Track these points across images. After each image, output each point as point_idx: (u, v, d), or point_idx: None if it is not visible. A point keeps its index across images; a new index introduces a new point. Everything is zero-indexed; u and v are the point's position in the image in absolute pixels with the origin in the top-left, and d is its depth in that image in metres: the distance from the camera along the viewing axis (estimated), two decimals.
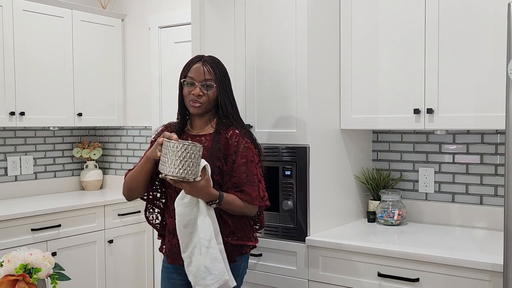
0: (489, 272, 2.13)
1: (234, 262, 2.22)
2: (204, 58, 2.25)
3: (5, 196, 3.90)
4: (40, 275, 1.75)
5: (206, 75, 2.20)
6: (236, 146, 2.18)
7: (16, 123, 3.63)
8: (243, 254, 2.27)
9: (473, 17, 2.42)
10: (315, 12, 2.61)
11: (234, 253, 2.22)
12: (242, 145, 2.18)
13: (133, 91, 4.35)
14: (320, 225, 2.68)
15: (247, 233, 2.27)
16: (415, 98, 2.58)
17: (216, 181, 2.18)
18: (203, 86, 2.20)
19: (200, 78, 2.20)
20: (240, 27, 2.78)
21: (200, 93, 2.19)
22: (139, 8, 4.29)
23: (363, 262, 2.43)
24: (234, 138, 2.19)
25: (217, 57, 2.33)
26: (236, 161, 2.17)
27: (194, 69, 2.22)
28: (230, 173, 2.18)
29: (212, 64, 2.23)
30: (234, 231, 2.23)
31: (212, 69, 2.22)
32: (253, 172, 2.19)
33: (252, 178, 2.18)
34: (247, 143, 2.20)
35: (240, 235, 2.24)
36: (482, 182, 2.79)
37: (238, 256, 2.25)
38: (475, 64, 2.42)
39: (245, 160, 2.18)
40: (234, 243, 2.22)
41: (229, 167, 2.18)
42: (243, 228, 2.26)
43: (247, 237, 2.27)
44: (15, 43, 3.61)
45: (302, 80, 2.58)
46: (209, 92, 2.20)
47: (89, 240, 3.69)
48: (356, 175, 2.98)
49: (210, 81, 2.20)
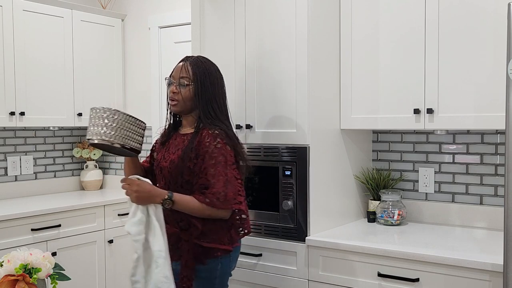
0: (489, 272, 2.13)
1: (204, 264, 2.20)
2: (189, 58, 2.29)
3: (5, 196, 3.90)
4: (40, 275, 1.76)
5: (182, 73, 2.24)
6: (207, 147, 2.16)
7: (16, 123, 3.63)
8: (215, 257, 2.21)
9: (473, 17, 2.42)
10: (315, 12, 2.61)
11: (204, 255, 2.20)
12: (212, 146, 2.16)
13: (133, 91, 4.35)
14: (320, 225, 2.68)
15: (221, 237, 2.22)
16: (415, 98, 2.58)
17: (187, 181, 2.19)
18: (179, 84, 2.24)
19: (177, 76, 2.25)
20: (240, 27, 2.78)
21: (175, 91, 2.24)
22: (139, 8, 4.29)
23: (363, 262, 2.43)
24: (206, 139, 2.18)
25: (219, 58, 2.34)
26: (205, 161, 2.16)
27: (175, 68, 2.29)
28: (198, 173, 2.17)
29: (193, 64, 2.25)
30: (206, 233, 2.20)
31: (191, 68, 2.24)
32: (220, 173, 2.14)
33: (217, 179, 2.13)
34: (219, 143, 2.17)
35: (213, 238, 2.20)
36: (482, 182, 2.79)
37: (208, 259, 2.21)
38: (475, 64, 2.42)
39: (214, 161, 2.14)
40: (206, 246, 2.19)
41: (198, 167, 2.17)
42: (216, 231, 2.21)
43: (220, 240, 2.22)
44: (15, 43, 3.61)
45: (302, 80, 2.58)
46: (183, 90, 2.23)
47: (89, 240, 3.69)
48: (356, 175, 2.98)
49: (184, 79, 2.23)
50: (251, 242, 2.75)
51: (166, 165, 2.24)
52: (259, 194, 2.75)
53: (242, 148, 2.30)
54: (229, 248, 2.24)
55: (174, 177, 2.22)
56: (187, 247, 2.18)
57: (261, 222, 2.74)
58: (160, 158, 2.31)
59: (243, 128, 2.78)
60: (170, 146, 2.30)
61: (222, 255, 2.23)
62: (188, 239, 2.19)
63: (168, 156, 2.27)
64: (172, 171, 2.21)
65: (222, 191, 2.13)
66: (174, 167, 2.21)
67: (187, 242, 2.19)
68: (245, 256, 2.76)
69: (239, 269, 2.78)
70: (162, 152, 2.32)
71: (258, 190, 2.76)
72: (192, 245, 2.18)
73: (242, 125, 2.78)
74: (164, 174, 2.26)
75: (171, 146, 2.30)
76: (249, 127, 2.75)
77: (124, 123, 2.09)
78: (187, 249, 2.18)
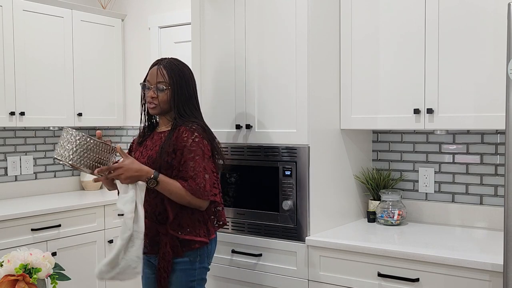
0: (489, 272, 2.13)
1: (180, 257, 2.26)
2: (162, 61, 2.35)
3: (5, 196, 3.90)
4: (40, 275, 1.76)
5: (159, 78, 2.32)
6: (185, 141, 2.24)
7: (16, 123, 3.62)
8: (192, 249, 2.27)
9: (473, 17, 2.42)
10: (315, 12, 2.61)
11: (181, 248, 2.26)
12: (190, 140, 2.24)
13: (133, 91, 4.34)
14: (320, 225, 2.68)
15: (197, 229, 2.28)
16: (415, 98, 2.57)
17: (166, 176, 2.24)
18: (157, 89, 2.31)
19: (154, 81, 2.33)
20: (240, 27, 2.78)
21: (154, 95, 2.32)
22: (139, 8, 4.29)
23: (363, 262, 2.43)
24: (184, 134, 2.26)
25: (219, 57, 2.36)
26: (184, 155, 2.24)
27: (150, 73, 2.36)
28: (178, 167, 2.25)
29: (167, 67, 2.33)
30: (183, 226, 2.26)
31: (166, 72, 2.31)
32: (200, 165, 2.22)
33: (197, 171, 2.21)
34: (196, 137, 2.25)
35: (189, 230, 2.27)
36: (482, 182, 2.79)
37: (186, 252, 2.26)
38: (475, 64, 2.42)
39: (193, 154, 2.23)
40: (182, 238, 2.25)
41: (177, 161, 2.25)
42: (193, 223, 2.28)
43: (196, 232, 2.28)
44: (15, 43, 3.61)
45: (302, 80, 2.58)
46: (161, 94, 2.31)
47: (89, 240, 3.69)
48: (356, 175, 2.98)
49: (161, 84, 2.31)
50: (251, 242, 2.75)
51: (144, 161, 2.31)
52: (259, 194, 2.75)
53: (219, 143, 2.39)
54: (206, 240, 2.31)
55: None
56: (165, 240, 2.25)
57: (261, 222, 2.74)
58: (138, 155, 2.39)
59: (243, 128, 2.78)
60: (148, 144, 2.38)
61: (199, 247, 2.29)
62: (166, 233, 2.26)
63: (146, 153, 2.35)
64: (150, 166, 2.26)
65: (202, 182, 2.21)
66: (152, 162, 2.28)
67: (165, 235, 2.25)
68: (245, 256, 2.76)
69: (239, 269, 2.78)
70: (140, 150, 2.40)
71: (258, 190, 2.76)
72: (170, 238, 2.25)
73: (242, 125, 2.78)
74: None
75: (148, 143, 2.38)
76: (249, 127, 2.75)
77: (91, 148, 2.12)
78: (164, 242, 2.25)
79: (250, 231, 2.78)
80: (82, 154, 2.09)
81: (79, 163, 2.10)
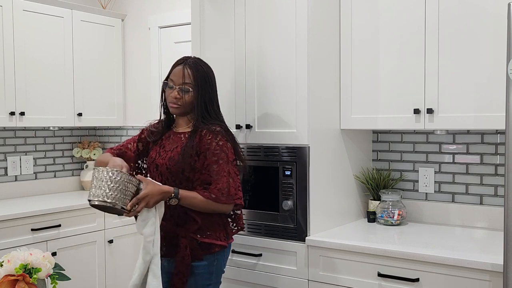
0: (489, 272, 2.13)
1: (200, 260, 2.22)
2: (187, 60, 2.30)
3: (5, 196, 3.90)
4: (40, 275, 1.76)
5: (185, 79, 2.26)
6: (209, 144, 2.21)
7: (16, 123, 3.62)
8: (211, 253, 2.25)
9: (473, 17, 2.42)
10: (315, 12, 2.61)
11: (201, 251, 2.23)
12: (214, 143, 2.21)
13: (133, 91, 4.35)
14: (320, 225, 2.68)
15: (217, 232, 2.26)
16: (415, 98, 2.57)
17: (187, 178, 2.22)
18: (180, 90, 2.25)
19: (178, 81, 2.27)
20: (240, 27, 2.78)
21: (178, 96, 2.26)
22: (139, 8, 4.29)
23: (363, 262, 2.43)
24: (207, 136, 2.22)
25: (219, 58, 2.35)
26: (207, 159, 2.20)
27: (175, 72, 2.29)
28: (200, 170, 2.21)
29: (193, 68, 2.27)
30: (203, 229, 2.23)
31: (192, 72, 2.26)
32: (224, 169, 2.19)
33: (221, 175, 2.18)
34: (220, 141, 2.22)
35: (209, 233, 2.24)
36: (482, 182, 2.79)
37: (205, 255, 2.23)
38: (475, 64, 2.42)
39: (216, 158, 2.20)
40: (202, 241, 2.22)
41: (200, 164, 2.21)
42: (213, 226, 2.25)
43: (217, 236, 2.26)
44: (15, 43, 3.61)
45: (302, 80, 2.58)
46: (186, 96, 2.26)
47: (89, 240, 3.69)
48: (356, 175, 2.98)
49: (187, 85, 2.25)
50: (251, 242, 2.75)
51: (164, 162, 2.26)
52: (259, 194, 2.75)
53: (240, 147, 2.35)
54: (225, 244, 2.28)
55: (174, 174, 2.24)
56: (185, 243, 2.20)
57: (261, 222, 2.74)
58: (154, 155, 2.33)
59: (243, 128, 2.78)
60: (165, 144, 2.33)
61: (218, 251, 2.26)
62: (185, 235, 2.21)
63: (164, 154, 2.29)
64: (171, 168, 2.23)
65: (226, 186, 2.18)
66: (174, 164, 2.23)
67: (185, 238, 2.21)
68: (245, 256, 2.76)
69: (239, 269, 2.78)
70: (156, 150, 2.34)
71: (258, 190, 2.76)
72: (189, 241, 2.21)
73: (242, 125, 2.78)
74: (162, 171, 2.27)
75: (165, 143, 2.33)
76: (249, 127, 2.75)
77: (124, 184, 2.04)
78: (184, 245, 2.20)
79: (250, 231, 2.78)
80: (117, 189, 1.99)
81: (115, 199, 2.00)
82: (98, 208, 2.06)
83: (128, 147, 2.41)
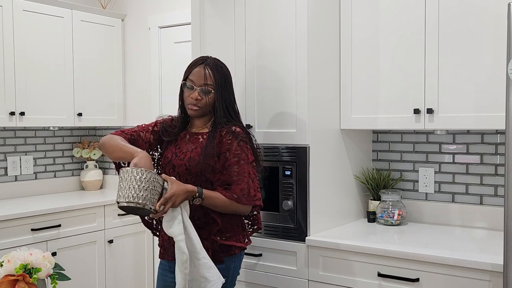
0: (489, 272, 2.13)
1: (221, 263, 2.19)
2: (207, 61, 2.25)
3: (5, 196, 3.90)
4: (40, 275, 1.75)
5: (207, 80, 2.21)
6: (230, 145, 2.19)
7: (16, 123, 3.63)
8: (231, 255, 2.23)
9: (473, 17, 2.42)
10: (315, 12, 2.61)
11: (221, 253, 2.20)
12: (235, 144, 2.19)
13: (133, 91, 4.35)
14: (320, 225, 2.68)
15: (237, 234, 2.25)
16: (415, 98, 2.58)
17: (208, 179, 2.19)
18: (202, 91, 2.22)
19: (199, 82, 2.22)
20: (240, 27, 2.78)
21: (198, 97, 2.21)
22: (139, 8, 4.29)
23: (363, 262, 2.43)
24: (227, 137, 2.20)
25: (219, 58, 2.34)
26: (228, 159, 2.18)
27: (195, 72, 2.23)
28: (221, 171, 2.19)
29: (213, 68, 2.23)
30: (223, 231, 2.21)
31: (212, 73, 2.22)
32: (244, 170, 2.18)
33: (242, 176, 2.17)
34: (241, 141, 2.20)
35: (229, 235, 2.22)
36: (482, 182, 2.79)
37: (225, 257, 2.21)
38: (475, 64, 2.42)
39: (237, 158, 2.18)
40: (222, 243, 2.20)
41: (221, 164, 2.19)
42: (232, 228, 2.24)
43: (236, 238, 2.25)
44: (15, 43, 3.61)
45: (302, 80, 2.58)
46: (206, 97, 2.22)
47: (89, 240, 3.69)
48: (356, 175, 2.98)
49: (209, 86, 2.21)
50: (251, 242, 2.75)
51: (183, 163, 2.22)
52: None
53: (259, 148, 2.33)
54: (244, 246, 2.28)
55: (194, 175, 2.20)
56: (207, 245, 2.17)
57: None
58: (170, 156, 2.28)
59: None
60: (181, 144, 2.29)
61: (237, 253, 2.26)
62: (207, 237, 2.18)
63: (182, 154, 2.25)
64: (192, 169, 2.20)
65: (246, 187, 2.17)
66: (195, 164, 2.19)
67: (206, 240, 2.17)
68: (245, 256, 2.75)
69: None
70: (172, 150, 2.29)
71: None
72: (211, 243, 2.18)
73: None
74: (180, 171, 2.23)
75: (181, 144, 2.29)
76: (249, 127, 2.75)
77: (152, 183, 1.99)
78: (206, 247, 2.16)
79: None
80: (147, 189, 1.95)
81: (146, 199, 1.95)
82: (125, 209, 2.00)
83: (140, 135, 2.33)
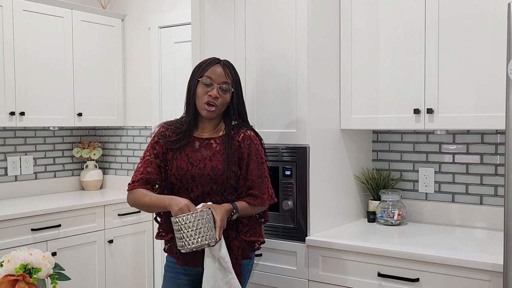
0: (489, 272, 2.13)
1: (248, 258, 2.29)
2: (222, 61, 2.28)
3: (5, 196, 3.90)
4: (40, 275, 1.75)
5: (227, 78, 2.22)
6: (249, 150, 2.24)
7: (16, 123, 3.63)
8: (254, 250, 2.33)
9: (473, 17, 2.42)
10: (315, 12, 2.61)
11: (248, 249, 2.29)
12: (253, 148, 2.25)
13: (133, 91, 4.35)
14: (320, 225, 2.68)
15: (257, 229, 2.33)
16: (415, 98, 2.58)
17: (231, 186, 2.23)
18: (220, 89, 2.21)
19: (219, 80, 2.21)
20: (240, 27, 2.78)
21: (217, 95, 2.19)
22: (139, 8, 4.29)
23: (363, 262, 2.43)
24: (246, 141, 2.24)
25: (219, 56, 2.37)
26: (249, 165, 2.23)
27: (213, 70, 2.21)
28: (244, 176, 2.24)
29: (230, 68, 2.27)
30: (244, 227, 2.29)
31: (230, 72, 2.25)
32: (263, 172, 2.26)
33: (262, 177, 2.25)
34: (256, 145, 2.26)
35: (252, 232, 2.30)
36: (482, 182, 2.79)
37: (251, 252, 2.32)
38: (475, 64, 2.42)
39: (257, 162, 2.24)
40: (248, 240, 2.28)
41: (243, 170, 2.24)
42: (253, 224, 2.31)
43: (258, 233, 2.33)
44: (15, 43, 3.61)
45: (302, 80, 2.58)
46: (225, 96, 2.22)
47: (89, 240, 3.69)
48: (356, 175, 2.98)
49: (227, 85, 2.22)
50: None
51: (205, 173, 2.19)
52: None
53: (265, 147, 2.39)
54: (263, 240, 2.36)
55: (220, 184, 2.20)
56: (237, 244, 2.23)
57: None
58: (185, 166, 2.21)
59: None
60: (191, 151, 2.24)
61: (259, 247, 2.35)
62: (236, 236, 2.25)
63: (199, 163, 2.21)
64: (217, 178, 2.19)
65: (266, 189, 2.26)
66: (220, 174, 2.19)
67: (235, 240, 2.24)
68: None
69: None
70: (184, 159, 2.22)
71: None
72: (239, 241, 2.25)
73: None
74: (202, 181, 2.20)
75: (192, 151, 2.24)
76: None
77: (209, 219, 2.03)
78: (237, 246, 2.23)
79: None
80: (207, 227, 2.00)
81: (209, 237, 2.00)
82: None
83: (149, 172, 2.24)
